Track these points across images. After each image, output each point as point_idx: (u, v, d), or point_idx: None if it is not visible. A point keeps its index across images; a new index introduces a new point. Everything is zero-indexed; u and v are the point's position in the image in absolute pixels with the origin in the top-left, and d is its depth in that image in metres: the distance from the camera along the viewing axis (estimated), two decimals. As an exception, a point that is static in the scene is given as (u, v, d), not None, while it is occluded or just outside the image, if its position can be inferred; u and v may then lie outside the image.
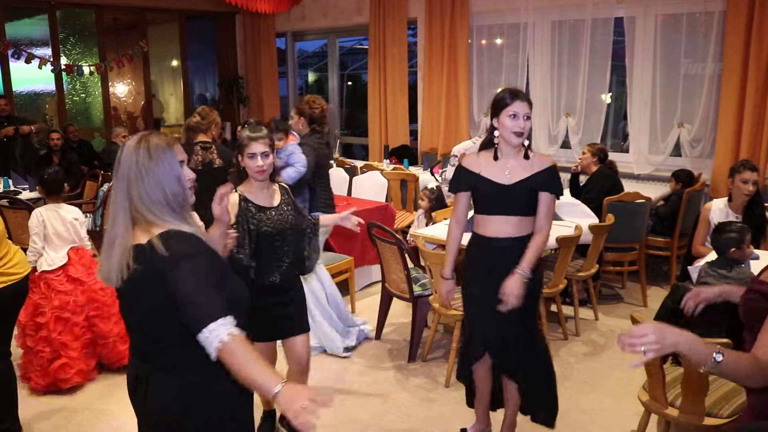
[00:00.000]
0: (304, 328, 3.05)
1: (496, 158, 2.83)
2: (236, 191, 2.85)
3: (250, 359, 1.59)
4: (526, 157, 2.80)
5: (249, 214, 2.81)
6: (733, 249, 3.25)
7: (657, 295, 5.06)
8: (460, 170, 2.91)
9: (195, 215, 1.88)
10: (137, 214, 1.72)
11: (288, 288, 2.95)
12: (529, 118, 2.75)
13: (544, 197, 2.81)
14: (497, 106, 2.77)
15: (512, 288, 2.73)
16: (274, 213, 2.86)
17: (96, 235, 5.58)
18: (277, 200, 2.91)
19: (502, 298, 2.74)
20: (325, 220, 3.14)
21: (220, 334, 1.58)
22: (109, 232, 1.75)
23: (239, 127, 2.97)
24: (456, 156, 5.45)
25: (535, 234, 2.83)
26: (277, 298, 2.92)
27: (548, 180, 2.80)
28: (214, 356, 1.60)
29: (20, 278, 3.03)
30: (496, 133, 2.80)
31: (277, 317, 2.94)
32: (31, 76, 8.53)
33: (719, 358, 1.61)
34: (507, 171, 2.80)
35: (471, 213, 3.19)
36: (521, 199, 2.79)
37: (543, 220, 2.83)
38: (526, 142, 2.81)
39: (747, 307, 1.84)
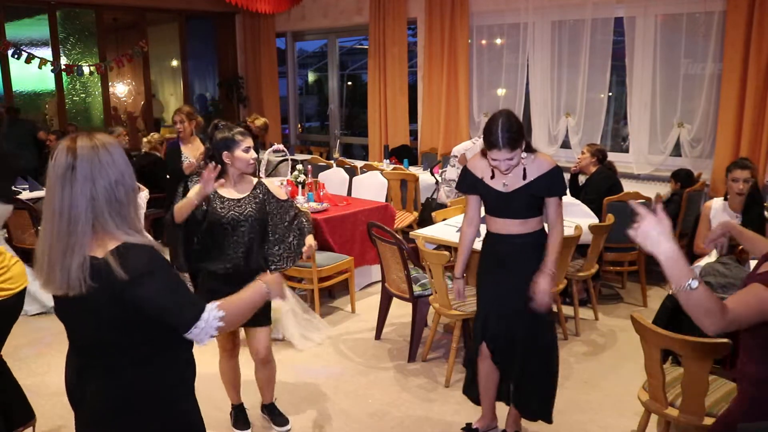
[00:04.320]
0: (263, 321, 3.10)
1: (492, 176, 2.88)
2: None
3: (239, 305, 1.85)
4: (524, 175, 2.81)
5: (208, 198, 2.94)
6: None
7: (657, 295, 5.06)
8: (465, 172, 2.98)
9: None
10: (96, 221, 1.65)
11: (247, 279, 2.97)
12: (511, 159, 2.71)
13: (549, 202, 2.86)
14: (485, 141, 2.75)
15: (542, 286, 2.80)
16: (233, 204, 2.98)
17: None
18: (246, 193, 3.02)
19: (533, 297, 2.82)
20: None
21: (215, 317, 1.73)
22: (63, 243, 1.63)
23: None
24: (456, 156, 5.45)
25: (550, 234, 2.88)
26: (234, 287, 2.95)
27: (549, 184, 2.82)
28: (207, 341, 1.75)
29: (14, 293, 2.89)
30: None
31: None
32: (31, 76, 8.53)
33: (695, 284, 1.59)
34: (505, 180, 2.85)
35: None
36: (521, 204, 2.85)
37: (554, 220, 2.88)
38: (524, 155, 2.81)
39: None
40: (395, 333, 4.54)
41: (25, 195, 6.02)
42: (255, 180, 3.12)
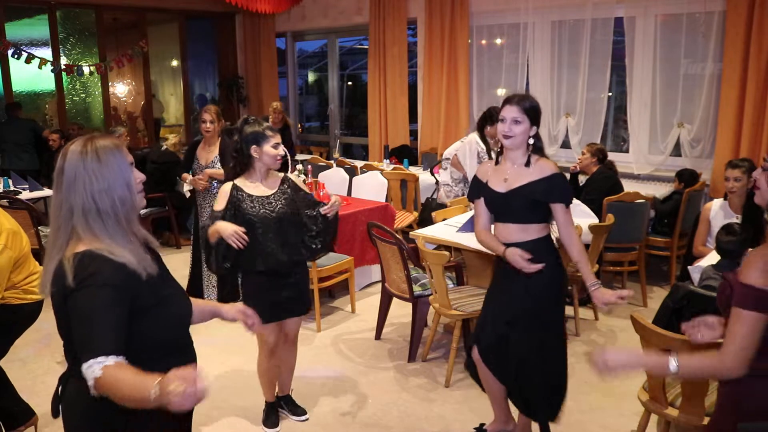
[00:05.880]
0: (301, 310, 3.23)
1: (497, 163, 2.90)
2: (232, 182, 3.06)
3: (123, 382, 1.51)
4: (528, 164, 2.79)
5: (236, 202, 3.00)
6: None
7: (657, 295, 5.07)
8: (474, 179, 3.01)
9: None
10: (75, 227, 1.63)
11: (284, 274, 3.10)
12: (518, 122, 2.73)
13: (555, 209, 2.79)
14: (502, 103, 2.84)
15: (606, 297, 2.68)
16: (263, 201, 3.03)
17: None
18: (273, 190, 3.08)
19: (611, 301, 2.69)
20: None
21: (94, 371, 1.52)
22: (51, 245, 1.65)
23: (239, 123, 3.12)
24: (448, 159, 5.44)
25: (569, 248, 2.81)
26: (272, 282, 3.08)
27: (549, 189, 2.76)
28: (92, 391, 1.54)
29: (36, 300, 2.98)
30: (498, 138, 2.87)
31: (273, 301, 3.09)
32: (31, 76, 8.53)
33: (674, 368, 1.76)
34: (504, 178, 2.83)
35: (469, 214, 3.17)
36: (519, 207, 2.79)
37: (564, 231, 2.80)
38: (515, 148, 2.80)
39: (720, 295, 1.90)
40: (395, 333, 4.54)
41: (25, 195, 6.02)
42: (281, 175, 3.15)
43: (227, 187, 3.05)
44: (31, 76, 8.51)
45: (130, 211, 1.68)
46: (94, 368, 1.52)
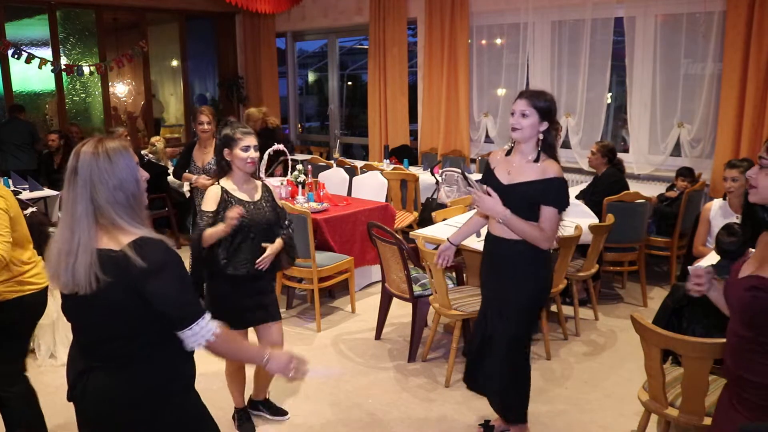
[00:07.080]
0: (276, 316, 3.17)
1: (508, 154, 2.93)
2: (218, 184, 3.03)
3: (238, 344, 1.98)
4: (537, 160, 2.81)
5: (227, 205, 2.96)
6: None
7: (657, 295, 5.07)
8: (486, 164, 3.06)
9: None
10: (104, 219, 1.74)
11: (258, 278, 3.07)
12: (526, 115, 2.77)
13: (543, 210, 2.78)
14: None
15: (492, 201, 2.75)
16: (252, 207, 3.02)
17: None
18: (257, 196, 3.07)
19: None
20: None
21: (211, 329, 1.79)
22: (68, 241, 1.72)
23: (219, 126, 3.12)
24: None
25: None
26: (247, 288, 3.05)
27: (546, 191, 2.76)
28: (197, 348, 1.80)
29: (41, 288, 2.95)
30: None
31: (246, 307, 3.07)
32: (31, 76, 8.53)
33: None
34: (509, 170, 2.85)
35: (469, 214, 3.18)
36: (516, 201, 2.79)
37: (543, 224, 2.79)
38: (523, 146, 2.84)
39: (756, 307, 1.79)
40: (395, 333, 4.54)
41: (25, 195, 6.02)
42: (259, 183, 3.12)
43: (216, 189, 3.00)
44: (31, 76, 8.50)
45: (140, 205, 1.81)
46: (210, 326, 1.79)
